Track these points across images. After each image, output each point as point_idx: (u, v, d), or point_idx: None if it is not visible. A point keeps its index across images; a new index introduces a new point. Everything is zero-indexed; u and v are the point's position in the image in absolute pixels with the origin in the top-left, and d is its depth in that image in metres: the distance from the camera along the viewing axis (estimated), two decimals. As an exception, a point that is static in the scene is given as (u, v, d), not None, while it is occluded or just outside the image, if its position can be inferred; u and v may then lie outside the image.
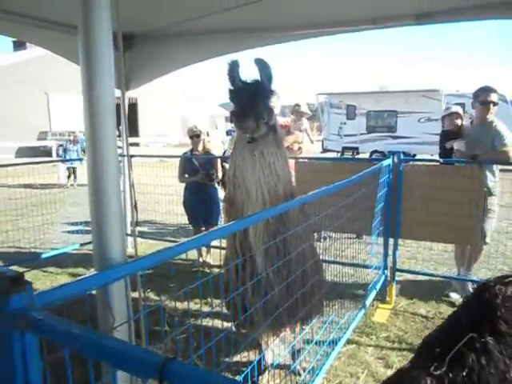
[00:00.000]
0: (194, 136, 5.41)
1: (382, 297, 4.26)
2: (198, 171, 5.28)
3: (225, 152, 7.18)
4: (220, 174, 5.38)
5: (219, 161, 5.38)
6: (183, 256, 4.73)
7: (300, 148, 5.34)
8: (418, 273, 4.80)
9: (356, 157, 16.06)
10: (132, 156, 6.06)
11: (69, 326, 0.80)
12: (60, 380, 0.94)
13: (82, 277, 1.07)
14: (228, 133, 18.06)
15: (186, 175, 5.44)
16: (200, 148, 5.48)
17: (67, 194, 8.29)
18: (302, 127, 5.52)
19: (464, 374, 1.39)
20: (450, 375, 1.39)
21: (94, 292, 1.45)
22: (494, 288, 1.61)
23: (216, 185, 5.38)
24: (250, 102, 2.28)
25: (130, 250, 5.79)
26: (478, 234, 3.89)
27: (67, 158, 13.25)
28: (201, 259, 5.48)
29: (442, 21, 3.57)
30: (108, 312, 1.17)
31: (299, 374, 2.97)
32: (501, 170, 4.36)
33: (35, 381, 0.88)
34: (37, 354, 0.89)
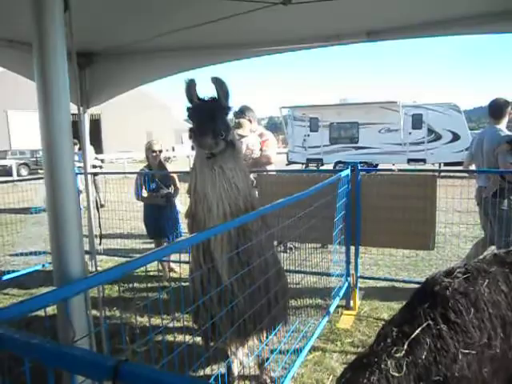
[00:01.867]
0: (157, 150, 5.40)
1: (346, 303, 4.38)
2: (158, 187, 5.27)
3: None
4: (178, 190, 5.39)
5: (176, 176, 5.40)
6: (153, 272, 4.74)
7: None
8: (379, 279, 4.97)
9: (320, 168, 16.35)
10: (95, 174, 6.09)
11: (27, 337, 0.83)
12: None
13: (41, 293, 1.10)
14: (193, 147, 18.07)
15: (145, 192, 5.38)
16: (157, 164, 5.48)
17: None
18: (245, 143, 5.47)
19: (423, 356, 1.54)
20: (410, 357, 1.53)
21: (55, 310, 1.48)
22: (444, 281, 1.80)
23: (176, 200, 5.38)
24: (208, 119, 2.36)
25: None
26: (432, 239, 4.08)
27: None
28: (167, 274, 5.46)
29: (392, 38, 3.78)
30: (68, 326, 1.21)
31: None
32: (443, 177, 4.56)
33: (-5, 395, 0.90)
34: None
